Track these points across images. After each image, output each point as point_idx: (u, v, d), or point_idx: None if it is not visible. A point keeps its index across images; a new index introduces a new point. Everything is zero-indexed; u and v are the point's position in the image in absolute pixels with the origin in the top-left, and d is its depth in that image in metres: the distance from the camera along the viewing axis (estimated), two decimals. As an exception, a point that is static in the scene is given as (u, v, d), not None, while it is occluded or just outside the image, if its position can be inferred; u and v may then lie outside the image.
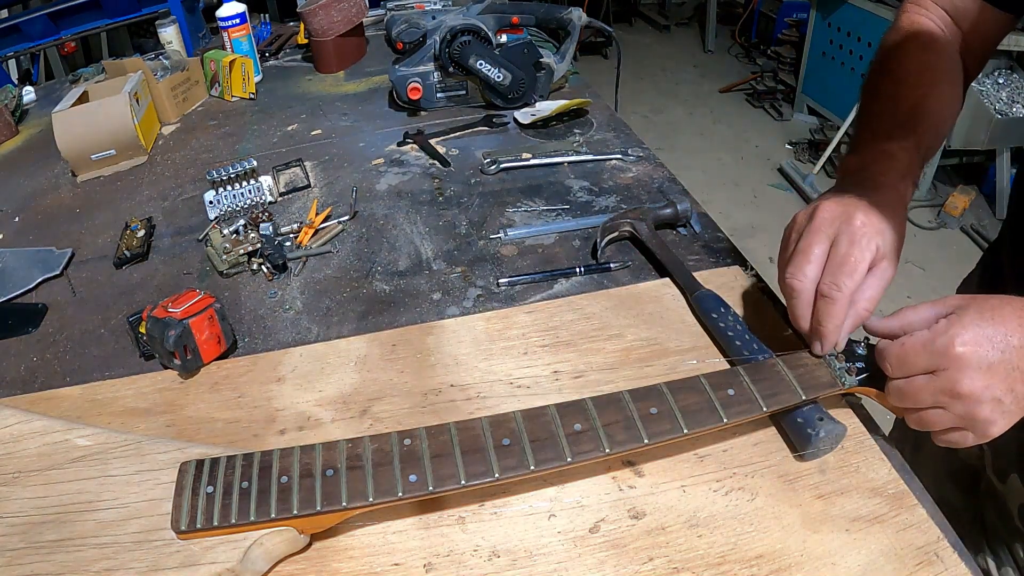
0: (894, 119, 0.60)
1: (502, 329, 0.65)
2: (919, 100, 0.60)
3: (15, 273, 0.80)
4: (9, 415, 0.51)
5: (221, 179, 0.86)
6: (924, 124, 0.59)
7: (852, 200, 0.50)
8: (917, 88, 0.61)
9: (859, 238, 0.48)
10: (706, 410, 0.47)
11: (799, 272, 0.49)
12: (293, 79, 1.37)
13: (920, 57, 0.64)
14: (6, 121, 1.21)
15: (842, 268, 0.48)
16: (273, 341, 0.67)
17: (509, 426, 0.46)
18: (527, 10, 1.11)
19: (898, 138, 0.57)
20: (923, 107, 0.60)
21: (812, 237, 0.50)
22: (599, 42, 4.42)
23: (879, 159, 0.56)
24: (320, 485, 0.43)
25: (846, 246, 0.48)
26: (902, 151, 0.56)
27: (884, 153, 0.56)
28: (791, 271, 0.50)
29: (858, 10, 2.93)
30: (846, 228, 0.49)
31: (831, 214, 0.50)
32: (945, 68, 0.64)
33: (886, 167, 0.55)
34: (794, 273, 0.50)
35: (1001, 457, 0.69)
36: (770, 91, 3.72)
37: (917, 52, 0.64)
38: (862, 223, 0.49)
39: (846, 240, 0.48)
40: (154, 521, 0.44)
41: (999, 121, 2.43)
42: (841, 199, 0.51)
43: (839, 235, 0.49)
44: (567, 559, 0.45)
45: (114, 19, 1.64)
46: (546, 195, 0.88)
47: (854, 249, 0.48)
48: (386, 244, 0.81)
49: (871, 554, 0.44)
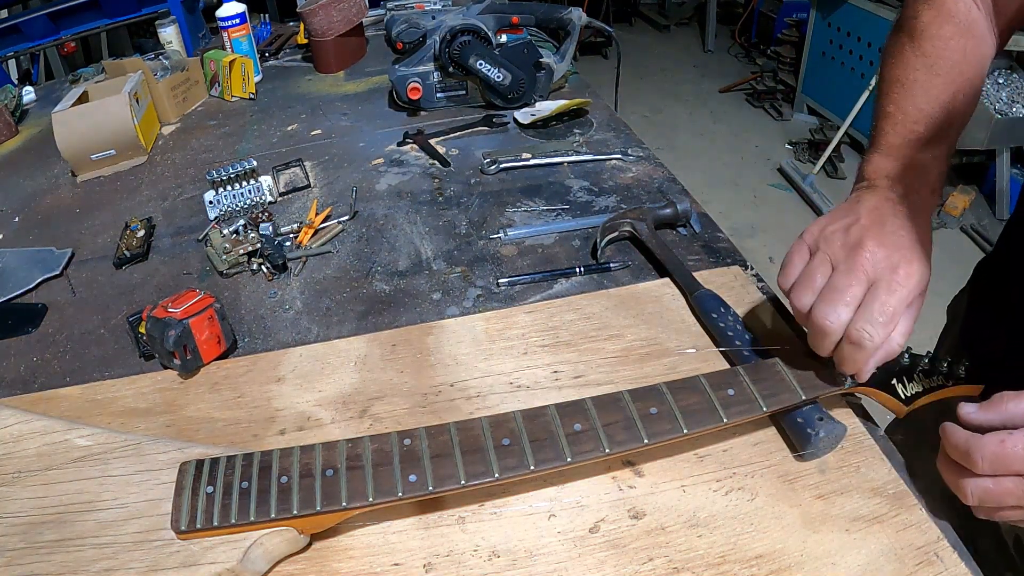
0: (929, 119, 0.56)
1: (502, 329, 0.65)
2: (954, 98, 0.56)
3: (15, 273, 0.80)
4: (9, 415, 0.51)
5: (221, 179, 0.86)
6: (956, 126, 0.56)
7: (894, 238, 0.48)
8: (953, 82, 0.57)
9: (899, 288, 0.46)
10: (706, 410, 0.47)
11: (832, 313, 0.46)
12: (293, 79, 1.37)
13: (959, 43, 0.58)
14: (6, 121, 1.21)
15: (877, 318, 0.45)
16: (273, 341, 0.67)
17: (509, 426, 0.46)
18: (527, 10, 1.11)
19: (932, 145, 0.55)
20: (957, 107, 0.56)
21: (852, 278, 0.46)
22: (599, 42, 4.42)
23: (911, 171, 0.53)
24: (320, 485, 0.43)
25: (885, 294, 0.45)
26: (935, 161, 0.54)
27: (917, 165, 0.54)
28: (824, 310, 0.46)
29: (858, 10, 2.93)
30: (888, 276, 0.46)
31: (873, 255, 0.47)
32: (982, 59, 0.59)
33: (919, 181, 0.53)
34: (827, 314, 0.46)
35: None
36: (770, 91, 3.72)
37: (955, 35, 0.58)
38: (906, 274, 0.46)
39: (885, 288, 0.46)
40: (154, 521, 0.44)
41: (999, 121, 2.43)
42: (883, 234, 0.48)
43: (879, 280, 0.46)
44: (567, 559, 0.45)
45: (114, 19, 1.64)
46: (546, 195, 0.88)
47: (892, 299, 0.45)
48: (386, 244, 0.81)
49: (871, 554, 0.44)
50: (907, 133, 0.56)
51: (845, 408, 0.54)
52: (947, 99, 0.56)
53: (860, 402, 0.55)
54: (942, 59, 0.58)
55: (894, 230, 0.49)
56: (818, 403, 0.51)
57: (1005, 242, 0.70)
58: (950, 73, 0.57)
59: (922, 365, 0.51)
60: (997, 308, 0.68)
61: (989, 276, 0.73)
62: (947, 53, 0.58)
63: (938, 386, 0.50)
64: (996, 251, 0.72)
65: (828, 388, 0.50)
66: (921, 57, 0.58)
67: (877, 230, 0.48)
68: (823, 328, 0.46)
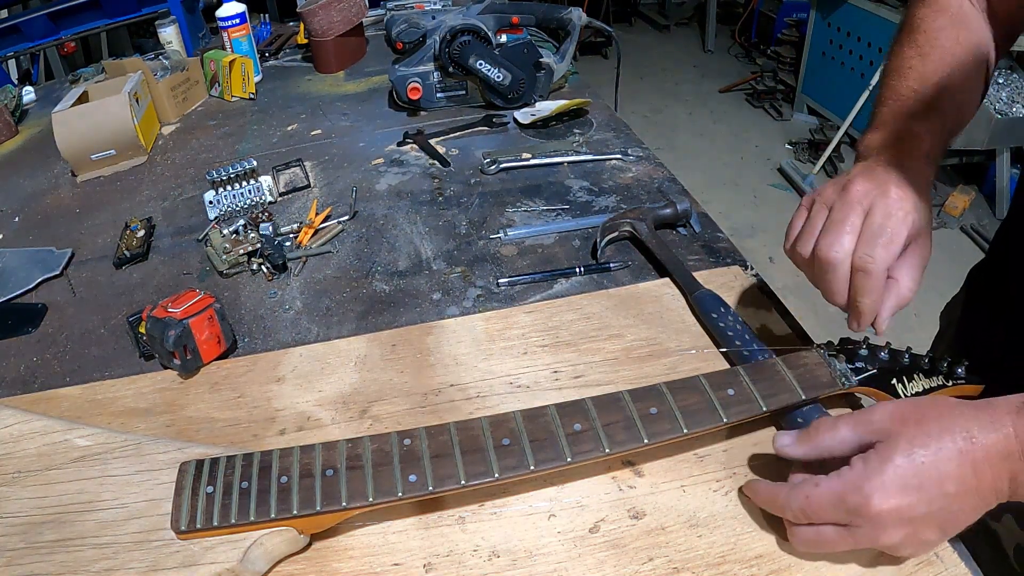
0: (919, 97, 0.57)
1: (502, 329, 0.65)
2: (946, 79, 0.57)
3: (15, 273, 0.80)
4: (9, 415, 0.51)
5: (221, 179, 0.86)
6: (949, 104, 0.56)
7: (883, 175, 0.49)
8: (943, 61, 0.58)
9: (895, 210, 0.46)
10: (706, 410, 0.47)
11: (836, 243, 0.46)
12: (293, 79, 1.37)
13: (950, 32, 0.60)
14: (6, 121, 1.21)
15: (877, 239, 0.45)
16: (273, 341, 0.67)
17: (509, 426, 0.46)
18: (527, 10, 1.11)
19: (922, 118, 0.55)
20: (950, 87, 0.57)
21: (847, 209, 0.47)
22: (599, 42, 4.41)
23: (903, 139, 0.54)
24: (320, 485, 0.43)
25: (881, 218, 0.46)
26: (927, 132, 0.54)
27: (909, 133, 0.54)
28: (827, 241, 0.47)
29: (858, 10, 2.92)
30: (881, 200, 0.47)
31: (864, 187, 0.48)
32: (975, 47, 0.60)
33: (910, 147, 0.53)
34: (831, 244, 0.47)
35: None
36: (770, 91, 3.71)
37: (948, 26, 0.60)
38: (898, 196, 0.47)
39: (881, 212, 0.46)
40: (154, 521, 0.44)
41: (999, 121, 2.43)
42: (872, 174, 0.49)
43: (873, 207, 0.47)
44: (567, 559, 0.45)
45: (114, 19, 1.64)
46: (546, 195, 0.88)
47: (890, 221, 0.46)
48: (386, 244, 0.81)
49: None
50: (898, 108, 0.57)
51: (845, 408, 0.54)
52: (937, 78, 0.57)
53: (860, 402, 0.55)
54: (934, 46, 0.59)
55: (884, 172, 0.49)
56: (818, 403, 0.51)
57: (1003, 239, 0.70)
58: (941, 55, 0.58)
59: (922, 365, 0.51)
60: (994, 308, 0.68)
61: (986, 277, 0.73)
62: (938, 40, 0.59)
63: (938, 386, 0.50)
64: (992, 251, 0.72)
65: (828, 388, 0.50)
66: (914, 47, 0.60)
67: (866, 172, 0.50)
68: (829, 260, 0.46)
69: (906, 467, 0.37)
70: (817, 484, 0.40)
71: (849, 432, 0.41)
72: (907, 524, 0.38)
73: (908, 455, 0.38)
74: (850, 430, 0.41)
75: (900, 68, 0.60)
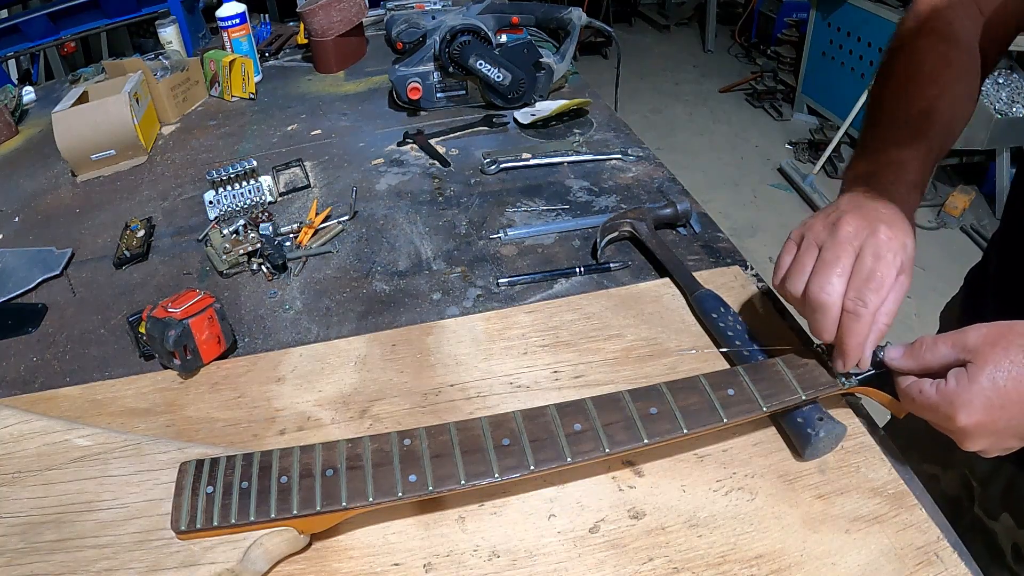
0: (906, 122, 0.57)
1: (502, 329, 0.65)
2: (932, 100, 0.58)
3: (15, 273, 0.80)
4: (9, 415, 0.51)
5: (221, 179, 0.86)
6: (936, 127, 0.57)
7: (873, 211, 0.49)
8: (931, 86, 0.58)
9: (885, 252, 0.47)
10: (706, 410, 0.47)
11: (827, 285, 0.47)
12: (293, 79, 1.37)
13: (937, 49, 0.60)
14: (6, 121, 1.21)
15: (868, 284, 0.46)
16: (273, 341, 0.67)
17: (509, 426, 0.46)
18: (527, 10, 1.11)
19: (909, 144, 0.56)
20: (936, 108, 0.57)
21: (837, 249, 0.48)
22: (599, 42, 4.41)
23: (889, 168, 0.54)
24: (320, 485, 0.43)
25: (872, 260, 0.47)
26: (913, 159, 0.55)
27: (894, 162, 0.55)
28: (819, 283, 0.47)
29: (858, 10, 2.92)
30: (871, 241, 0.47)
31: (854, 225, 0.48)
32: (962, 62, 0.61)
33: (896, 176, 0.53)
34: (822, 286, 0.47)
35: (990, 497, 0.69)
36: (770, 91, 3.72)
37: (934, 43, 0.61)
38: (887, 237, 0.47)
39: (871, 254, 0.47)
40: (154, 521, 0.44)
41: (999, 121, 2.43)
42: (861, 210, 0.49)
43: (864, 248, 0.47)
44: (567, 559, 0.45)
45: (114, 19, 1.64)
46: (546, 195, 0.88)
47: (880, 264, 0.46)
48: (386, 244, 0.81)
49: (871, 554, 0.44)
50: (884, 136, 0.58)
51: (845, 408, 0.55)
52: (925, 103, 0.58)
53: (860, 402, 0.55)
54: (923, 64, 0.60)
55: (873, 207, 0.50)
56: (818, 403, 0.51)
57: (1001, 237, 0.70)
58: (930, 76, 0.59)
59: None
60: (993, 308, 0.68)
61: (985, 276, 0.73)
62: (928, 60, 0.60)
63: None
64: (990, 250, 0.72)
65: (828, 388, 0.50)
66: (902, 69, 0.61)
67: (855, 208, 0.50)
68: (821, 302, 0.47)
69: (990, 388, 0.41)
70: (921, 390, 0.45)
71: (947, 349, 0.45)
72: (990, 435, 0.43)
73: (992, 377, 0.42)
74: (948, 348, 0.45)
75: (885, 84, 0.61)
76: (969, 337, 0.44)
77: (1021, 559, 0.65)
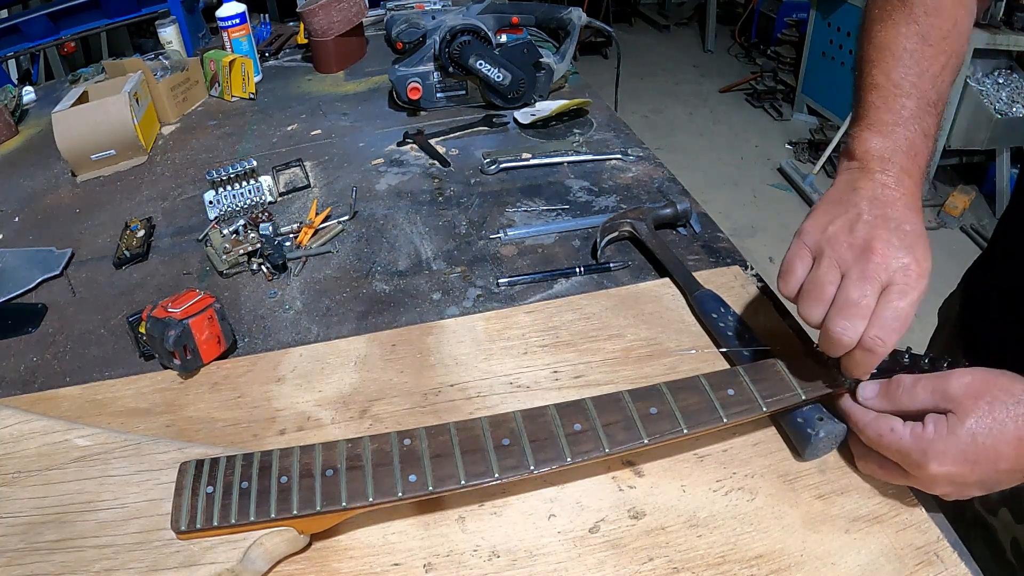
0: (920, 93, 0.53)
1: (502, 329, 0.65)
2: (943, 71, 0.53)
3: (15, 273, 0.80)
4: (9, 415, 0.51)
5: (221, 179, 0.86)
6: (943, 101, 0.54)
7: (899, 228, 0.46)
8: (943, 53, 0.54)
9: (910, 291, 0.44)
10: (706, 410, 0.47)
11: (851, 328, 0.44)
12: (293, 79, 1.37)
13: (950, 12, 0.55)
14: (6, 121, 1.21)
15: (892, 324, 0.44)
16: (273, 341, 0.67)
17: (509, 426, 0.46)
18: (527, 10, 1.11)
19: (920, 120, 0.52)
20: (945, 80, 0.54)
21: (866, 286, 0.45)
22: (599, 42, 4.42)
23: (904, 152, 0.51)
24: (320, 485, 0.43)
25: (898, 299, 0.44)
26: (924, 140, 0.51)
27: (910, 145, 0.51)
28: (842, 325, 0.44)
29: (858, 10, 2.90)
30: (901, 277, 0.45)
31: (883, 257, 0.45)
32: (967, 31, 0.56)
33: (912, 164, 0.50)
34: (846, 329, 0.44)
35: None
36: (770, 91, 3.72)
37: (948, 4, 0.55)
38: (917, 275, 0.45)
39: (898, 293, 0.44)
40: (154, 521, 0.44)
41: (999, 121, 2.43)
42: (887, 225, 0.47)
43: (892, 284, 0.45)
44: (567, 559, 0.45)
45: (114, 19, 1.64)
46: (546, 195, 0.88)
47: (904, 303, 0.44)
48: (386, 244, 0.81)
49: (871, 554, 0.44)
50: (898, 108, 0.53)
51: (845, 408, 0.54)
52: (936, 71, 0.54)
53: (860, 402, 0.55)
54: (934, 28, 0.54)
55: (898, 224, 0.47)
56: (818, 403, 0.51)
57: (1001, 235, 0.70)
58: (940, 44, 0.54)
59: (922, 365, 0.51)
60: (991, 305, 0.68)
61: (984, 273, 0.73)
62: (939, 22, 0.55)
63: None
64: (990, 247, 0.72)
65: (828, 388, 0.50)
66: (912, 24, 0.55)
67: (883, 227, 0.47)
68: (840, 342, 0.45)
69: (967, 442, 0.41)
70: (892, 429, 0.44)
71: (927, 396, 0.44)
72: (956, 485, 0.43)
73: (972, 431, 0.41)
74: (928, 393, 0.44)
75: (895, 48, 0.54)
76: (951, 385, 0.43)
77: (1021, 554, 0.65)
